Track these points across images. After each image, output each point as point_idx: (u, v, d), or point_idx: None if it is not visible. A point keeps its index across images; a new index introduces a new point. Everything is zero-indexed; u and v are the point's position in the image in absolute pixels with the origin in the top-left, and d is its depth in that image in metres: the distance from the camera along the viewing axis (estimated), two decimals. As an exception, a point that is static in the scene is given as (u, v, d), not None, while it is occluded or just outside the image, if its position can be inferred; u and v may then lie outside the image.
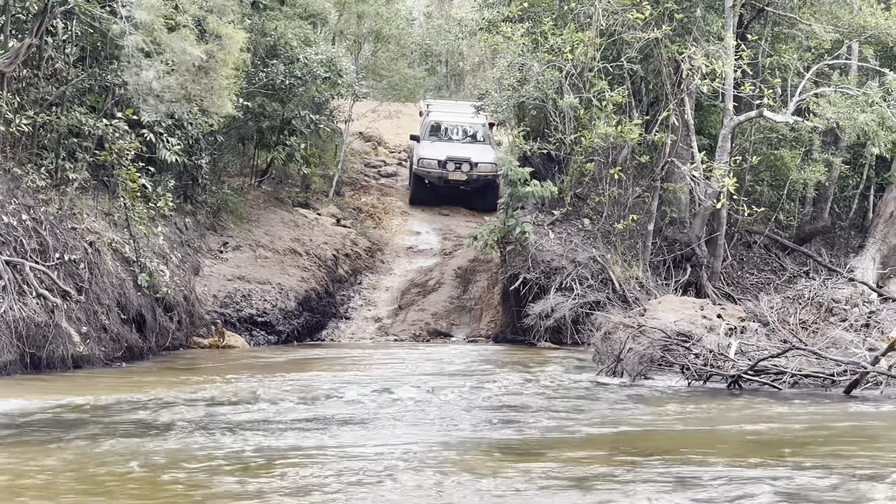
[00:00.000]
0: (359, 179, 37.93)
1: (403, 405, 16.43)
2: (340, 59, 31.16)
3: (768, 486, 10.45)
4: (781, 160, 29.51)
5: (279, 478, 10.99)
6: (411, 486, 10.80)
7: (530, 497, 10.32)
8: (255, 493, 10.34)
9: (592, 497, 10.25)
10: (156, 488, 10.61)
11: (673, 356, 19.35)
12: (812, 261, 30.68)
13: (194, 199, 27.57)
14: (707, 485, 10.64)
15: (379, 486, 10.66)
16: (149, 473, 11.19)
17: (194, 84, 21.28)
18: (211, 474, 11.07)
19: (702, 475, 11.08)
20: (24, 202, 19.69)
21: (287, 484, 10.72)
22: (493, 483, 10.83)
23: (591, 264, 27.21)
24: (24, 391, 16.41)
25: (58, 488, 10.48)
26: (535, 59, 28.78)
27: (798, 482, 10.79)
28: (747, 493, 10.26)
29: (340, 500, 10.16)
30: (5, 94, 19.95)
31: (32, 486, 10.51)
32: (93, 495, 10.30)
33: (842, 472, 11.34)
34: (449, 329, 28.98)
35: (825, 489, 10.55)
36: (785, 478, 10.97)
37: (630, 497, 10.17)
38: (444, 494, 10.41)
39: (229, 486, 10.64)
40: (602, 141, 27.12)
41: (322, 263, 29.53)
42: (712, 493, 10.29)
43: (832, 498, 10.23)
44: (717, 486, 10.60)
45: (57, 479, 10.80)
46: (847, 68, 30.42)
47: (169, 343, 23.06)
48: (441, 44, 54.65)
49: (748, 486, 10.53)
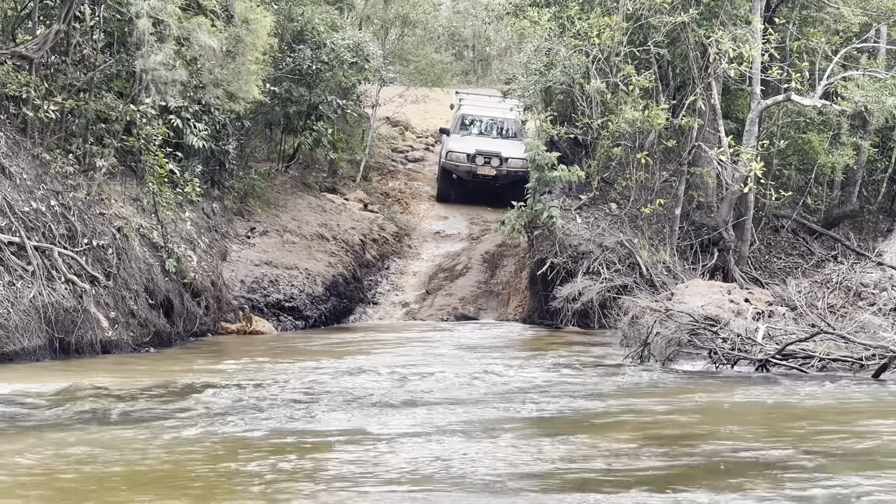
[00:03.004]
0: (386, 164, 37.92)
1: (440, 385, 16.52)
2: (367, 44, 31.18)
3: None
4: (809, 144, 29.40)
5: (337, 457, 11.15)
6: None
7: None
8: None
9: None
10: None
11: (700, 340, 19.31)
12: (840, 245, 30.57)
13: (221, 184, 27.62)
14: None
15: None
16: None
17: (221, 69, 21.37)
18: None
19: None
20: (52, 188, 19.77)
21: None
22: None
23: (618, 249, 27.16)
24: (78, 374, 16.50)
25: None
26: (561, 44, 28.72)
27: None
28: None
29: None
30: (34, 80, 20.03)
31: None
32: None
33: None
34: (476, 314, 28.99)
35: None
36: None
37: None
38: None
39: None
40: (629, 125, 27.05)
41: (349, 248, 29.56)
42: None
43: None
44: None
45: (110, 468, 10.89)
46: (875, 51, 30.27)
47: (196, 328, 23.09)
48: (468, 28, 54.71)
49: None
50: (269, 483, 10.17)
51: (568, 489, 10.16)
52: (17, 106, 20.15)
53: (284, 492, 9.87)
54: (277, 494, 9.78)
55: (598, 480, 10.54)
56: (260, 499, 9.71)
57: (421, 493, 9.91)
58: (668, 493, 9.94)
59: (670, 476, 10.73)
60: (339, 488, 10.04)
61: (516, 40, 45.78)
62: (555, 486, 10.30)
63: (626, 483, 10.37)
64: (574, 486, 10.24)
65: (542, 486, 10.26)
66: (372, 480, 10.39)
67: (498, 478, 10.52)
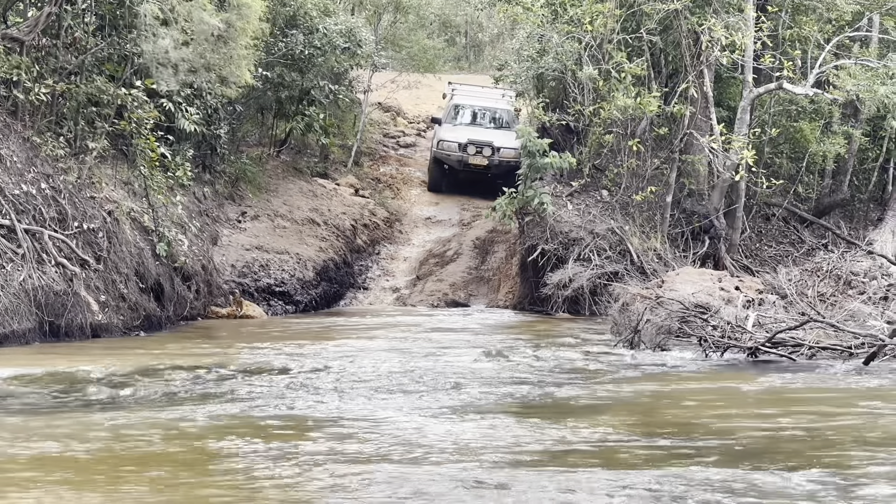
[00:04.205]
0: (377, 150, 37.90)
1: (430, 373, 16.52)
2: (360, 30, 31.18)
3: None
4: (801, 132, 29.44)
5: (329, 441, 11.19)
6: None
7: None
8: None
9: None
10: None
11: (690, 328, 19.32)
12: (831, 233, 30.64)
13: (213, 168, 27.61)
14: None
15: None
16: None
17: (213, 53, 21.34)
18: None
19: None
20: (43, 171, 19.74)
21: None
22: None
23: (609, 235, 27.21)
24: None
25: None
26: (554, 31, 28.76)
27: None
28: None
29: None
30: (25, 63, 19.98)
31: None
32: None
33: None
34: (466, 299, 29.02)
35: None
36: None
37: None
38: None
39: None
40: (621, 113, 27.08)
41: (340, 233, 29.57)
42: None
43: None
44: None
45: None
46: (868, 40, 30.32)
47: (187, 312, 23.09)
48: (460, 14, 54.66)
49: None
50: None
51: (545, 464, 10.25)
52: (8, 89, 20.11)
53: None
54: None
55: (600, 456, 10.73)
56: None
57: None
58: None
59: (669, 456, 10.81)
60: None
61: (509, 27, 45.81)
62: (543, 462, 10.35)
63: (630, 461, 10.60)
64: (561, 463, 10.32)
65: (539, 462, 10.33)
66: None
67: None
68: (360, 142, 35.44)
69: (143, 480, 9.60)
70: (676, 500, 8.96)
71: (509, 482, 9.60)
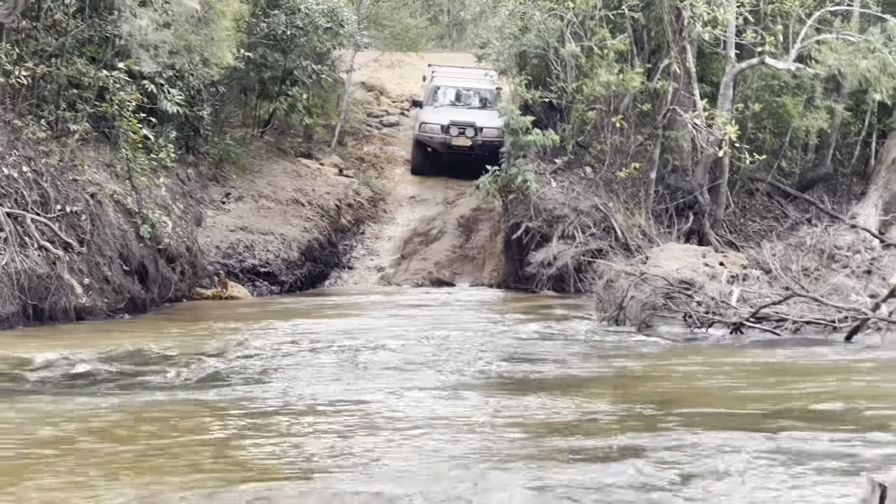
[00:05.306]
0: (361, 129, 37.84)
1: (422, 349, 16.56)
2: (342, 9, 31.14)
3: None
4: (783, 107, 29.43)
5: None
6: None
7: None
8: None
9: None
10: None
11: (675, 304, 19.35)
12: (814, 208, 30.67)
13: (196, 150, 27.57)
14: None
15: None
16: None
17: (194, 35, 21.29)
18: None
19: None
20: (24, 154, 19.69)
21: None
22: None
23: (593, 212, 27.21)
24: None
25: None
26: (536, 8, 28.72)
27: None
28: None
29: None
30: (4, 46, 19.92)
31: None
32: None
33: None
34: (451, 278, 29.03)
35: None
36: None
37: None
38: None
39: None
40: (604, 89, 27.09)
41: (325, 213, 29.57)
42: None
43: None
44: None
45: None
46: (849, 15, 30.28)
47: (171, 294, 23.05)
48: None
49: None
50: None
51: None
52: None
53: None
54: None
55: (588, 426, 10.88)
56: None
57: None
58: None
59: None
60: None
61: (491, 4, 45.74)
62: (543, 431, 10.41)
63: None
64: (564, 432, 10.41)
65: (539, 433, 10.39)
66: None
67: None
68: (343, 121, 35.39)
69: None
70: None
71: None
